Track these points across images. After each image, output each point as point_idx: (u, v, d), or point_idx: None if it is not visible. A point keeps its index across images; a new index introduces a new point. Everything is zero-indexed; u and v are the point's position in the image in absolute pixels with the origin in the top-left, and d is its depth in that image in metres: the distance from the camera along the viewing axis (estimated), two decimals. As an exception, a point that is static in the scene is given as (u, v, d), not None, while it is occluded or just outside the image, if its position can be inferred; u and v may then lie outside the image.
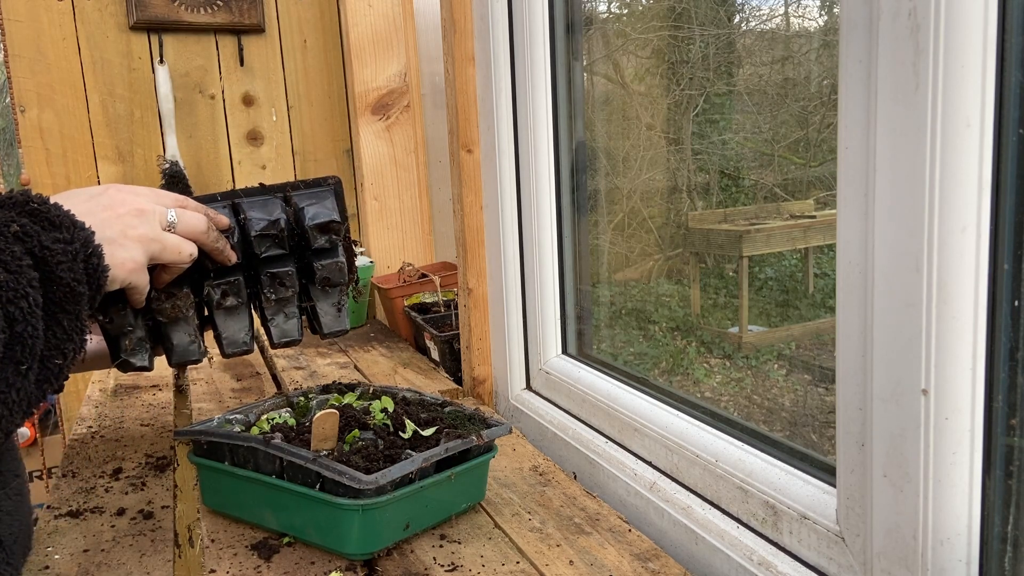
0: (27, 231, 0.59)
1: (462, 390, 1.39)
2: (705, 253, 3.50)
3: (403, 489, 0.80)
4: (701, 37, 3.36)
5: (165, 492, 1.01)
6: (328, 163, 2.07)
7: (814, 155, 3.17)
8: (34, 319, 0.57)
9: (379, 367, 1.55)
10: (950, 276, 0.55)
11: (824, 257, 3.30)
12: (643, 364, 3.28)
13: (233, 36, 1.94)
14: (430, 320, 1.59)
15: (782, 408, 2.88)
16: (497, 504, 0.94)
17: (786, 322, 3.34)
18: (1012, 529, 0.58)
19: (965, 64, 0.53)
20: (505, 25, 1.21)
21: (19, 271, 0.57)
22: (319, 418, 0.82)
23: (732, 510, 0.82)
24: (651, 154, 3.59)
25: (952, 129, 0.54)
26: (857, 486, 0.65)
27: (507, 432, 0.92)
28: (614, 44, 3.65)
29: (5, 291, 0.56)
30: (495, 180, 1.25)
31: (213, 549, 0.84)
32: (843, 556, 0.68)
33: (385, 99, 1.99)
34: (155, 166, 1.89)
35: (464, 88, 1.27)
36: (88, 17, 1.81)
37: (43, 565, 0.83)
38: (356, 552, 0.80)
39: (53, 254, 0.60)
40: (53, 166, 1.80)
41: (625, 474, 0.97)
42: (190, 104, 1.92)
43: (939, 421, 0.57)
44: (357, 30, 1.95)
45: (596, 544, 0.84)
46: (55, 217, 0.62)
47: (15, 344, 0.56)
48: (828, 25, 3.09)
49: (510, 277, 1.26)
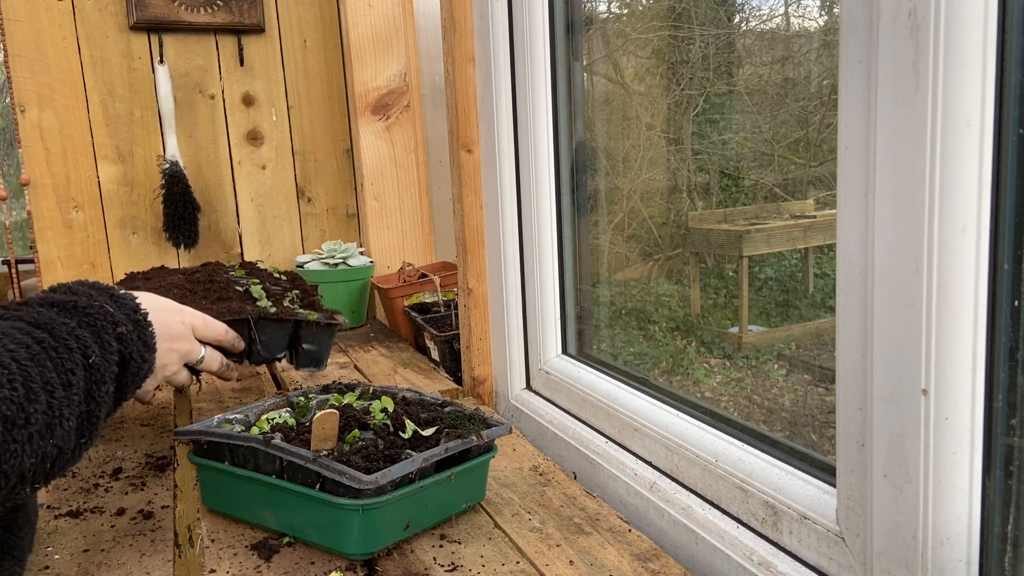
0: (127, 338, 0.76)
1: (462, 390, 1.39)
2: (705, 253, 3.50)
3: (403, 489, 0.80)
4: (701, 37, 3.36)
5: (165, 492, 1.01)
6: (328, 163, 2.08)
7: (814, 155, 3.17)
8: (107, 401, 0.72)
9: (379, 367, 1.55)
10: (950, 276, 0.55)
11: (824, 257, 3.30)
12: (643, 364, 3.28)
13: (233, 36, 1.94)
14: (430, 320, 1.59)
15: (782, 408, 2.88)
16: (497, 504, 0.94)
17: (786, 322, 3.34)
18: (1012, 529, 0.58)
19: (965, 64, 0.53)
20: (505, 25, 1.21)
21: (109, 363, 0.73)
22: (319, 418, 0.82)
23: (732, 510, 0.82)
24: (651, 154, 3.59)
25: (952, 129, 0.54)
26: (857, 486, 0.65)
27: (507, 432, 0.92)
28: (614, 44, 3.65)
29: (96, 373, 0.70)
30: (495, 180, 1.25)
31: (213, 549, 0.84)
32: (843, 556, 0.68)
33: (385, 99, 1.99)
34: (155, 166, 1.89)
35: (464, 88, 1.27)
36: (88, 17, 1.81)
37: (43, 565, 0.83)
38: (356, 552, 0.80)
39: (134, 362, 0.77)
40: (53, 166, 1.80)
41: (625, 474, 0.97)
42: (190, 104, 1.92)
43: (939, 421, 0.57)
44: (357, 30, 1.95)
45: (596, 544, 0.84)
46: (149, 338, 0.80)
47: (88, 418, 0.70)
48: (828, 25, 3.09)
49: (510, 277, 1.26)
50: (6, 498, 0.65)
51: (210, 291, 1.22)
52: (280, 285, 1.37)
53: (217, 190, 1.97)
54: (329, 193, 2.09)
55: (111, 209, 1.88)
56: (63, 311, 0.73)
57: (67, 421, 0.66)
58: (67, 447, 0.68)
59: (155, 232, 1.92)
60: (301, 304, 1.29)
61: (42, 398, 0.64)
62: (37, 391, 0.64)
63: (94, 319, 0.73)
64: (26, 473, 0.64)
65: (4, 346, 0.64)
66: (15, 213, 3.66)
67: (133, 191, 1.89)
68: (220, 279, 1.29)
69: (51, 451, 0.66)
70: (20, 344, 0.66)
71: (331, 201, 2.09)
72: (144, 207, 1.91)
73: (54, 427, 0.65)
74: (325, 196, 2.08)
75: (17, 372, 0.63)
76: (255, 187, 2.01)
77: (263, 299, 1.23)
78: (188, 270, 1.41)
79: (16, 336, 0.66)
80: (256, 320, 1.07)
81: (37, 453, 0.64)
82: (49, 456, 0.66)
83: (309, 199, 2.07)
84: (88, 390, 0.69)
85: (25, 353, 0.65)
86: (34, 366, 0.64)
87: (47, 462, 0.66)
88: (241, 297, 1.22)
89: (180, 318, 0.96)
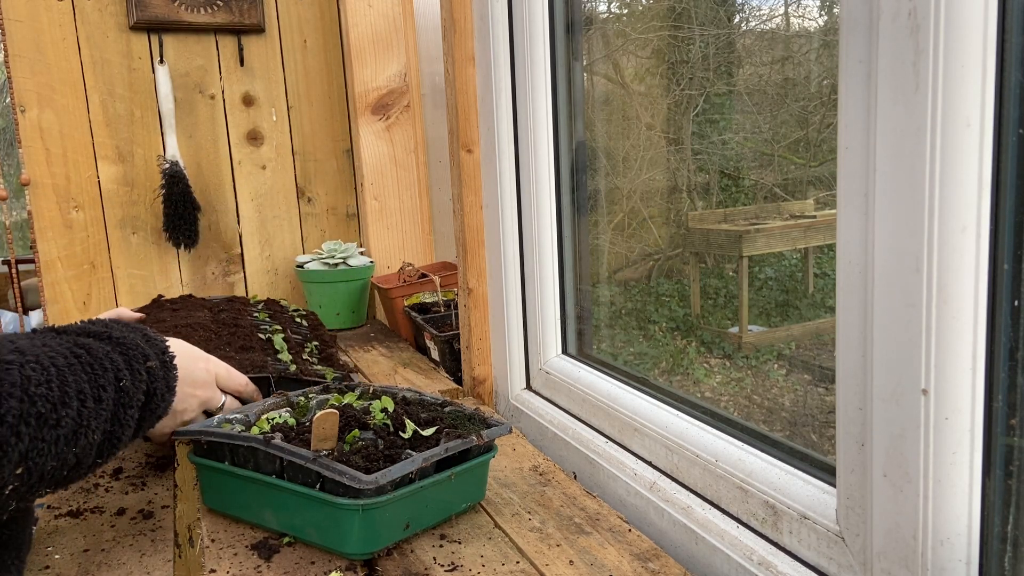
0: (155, 374, 0.81)
1: (462, 390, 1.39)
2: (705, 253, 3.50)
3: (403, 489, 0.80)
4: (701, 37, 3.36)
5: (165, 492, 1.01)
6: (328, 163, 2.08)
7: (814, 155, 3.17)
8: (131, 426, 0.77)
9: (379, 367, 1.55)
10: (950, 276, 0.55)
11: (824, 257, 3.30)
12: (643, 364, 3.29)
13: (233, 36, 1.94)
14: (430, 320, 1.59)
15: (782, 408, 2.88)
16: (497, 504, 0.94)
17: (786, 322, 3.35)
18: (1012, 529, 0.58)
19: (965, 64, 0.53)
20: (505, 25, 1.21)
21: (137, 390, 0.78)
22: (319, 418, 0.82)
23: (732, 510, 0.82)
24: (651, 154, 3.59)
25: (952, 129, 0.54)
26: (857, 486, 0.65)
27: (507, 432, 0.92)
28: (614, 44, 3.65)
29: (125, 395, 0.75)
30: (495, 180, 1.25)
31: (213, 549, 0.84)
32: (843, 556, 0.68)
33: (385, 99, 1.99)
34: (155, 166, 1.89)
35: (464, 88, 1.27)
36: (88, 17, 1.81)
37: (43, 565, 0.83)
38: (356, 552, 0.80)
39: (156, 397, 0.81)
40: (53, 166, 1.80)
41: (625, 474, 0.97)
42: (190, 104, 1.92)
43: (939, 421, 0.57)
44: (357, 30, 1.95)
45: (596, 544, 0.84)
46: (171, 380, 0.85)
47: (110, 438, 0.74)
48: (828, 25, 3.09)
49: (510, 277, 1.26)
50: (23, 496, 0.68)
51: (235, 336, 1.30)
52: (300, 333, 1.47)
53: (217, 190, 1.97)
54: (329, 193, 2.09)
55: (111, 209, 1.88)
56: (99, 339, 0.77)
57: (92, 433, 0.70)
58: (86, 460, 0.71)
59: (155, 232, 1.92)
60: (319, 356, 1.37)
61: (74, 404, 0.68)
62: (71, 397, 0.68)
63: (127, 349, 0.78)
64: (45, 475, 0.67)
65: (46, 353, 0.69)
66: (15, 213, 3.67)
67: (133, 191, 1.89)
68: (244, 323, 1.38)
69: (71, 459, 0.69)
70: (60, 354, 0.70)
71: (331, 201, 2.09)
72: (144, 207, 1.91)
73: (80, 435, 0.68)
74: (325, 196, 2.08)
75: (55, 376, 0.67)
76: (255, 187, 2.01)
77: (284, 351, 1.31)
78: (214, 304, 1.51)
79: (56, 347, 0.71)
80: (276, 379, 1.14)
81: (59, 457, 0.67)
82: (68, 463, 0.69)
83: (309, 199, 2.07)
84: (115, 411, 0.73)
85: (63, 361, 0.70)
86: (70, 374, 0.69)
87: (65, 469, 0.69)
88: (263, 347, 1.30)
89: (205, 366, 0.99)
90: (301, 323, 1.53)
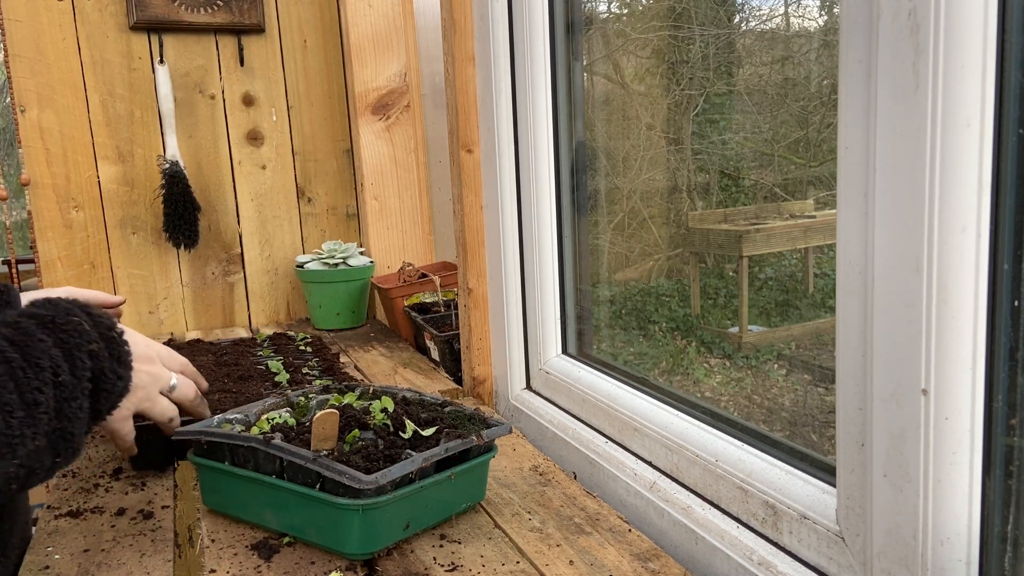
0: (99, 355, 0.75)
1: (462, 390, 1.39)
2: (705, 253, 3.50)
3: (403, 489, 0.80)
4: (701, 37, 3.36)
5: (165, 492, 1.01)
6: (328, 163, 2.08)
7: (814, 155, 3.17)
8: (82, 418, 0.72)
9: (379, 367, 1.55)
10: (950, 276, 0.55)
11: (824, 257, 3.30)
12: (643, 364, 3.29)
13: (233, 36, 1.94)
14: (430, 320, 1.59)
15: (782, 408, 2.88)
16: (497, 504, 0.94)
17: (786, 322, 3.35)
18: (1012, 529, 0.58)
19: (965, 64, 0.53)
20: (505, 25, 1.21)
21: (80, 380, 0.72)
22: (319, 418, 0.82)
23: (732, 510, 0.82)
24: (651, 154, 3.59)
25: (952, 129, 0.54)
26: (857, 486, 0.65)
27: (507, 432, 0.92)
28: (614, 44, 3.65)
29: (65, 390, 0.69)
30: (495, 180, 1.25)
31: (213, 549, 0.84)
32: (843, 556, 0.68)
33: (385, 99, 1.99)
34: (155, 166, 1.89)
35: (464, 88, 1.27)
36: (88, 17, 1.81)
37: (43, 565, 0.83)
38: (356, 552, 0.80)
39: (107, 379, 0.75)
40: (53, 166, 1.80)
41: (625, 474, 0.97)
42: (190, 104, 1.92)
43: (939, 421, 0.57)
44: (357, 30, 1.95)
45: (596, 544, 0.84)
46: (124, 356, 0.78)
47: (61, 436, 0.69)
48: (828, 25, 3.09)
49: (510, 277, 1.26)
50: None
51: (233, 371, 1.37)
52: (303, 357, 1.49)
53: (217, 190, 1.97)
54: (329, 193, 2.09)
55: (111, 209, 1.88)
56: (41, 325, 0.72)
57: (31, 440, 0.66)
58: (40, 466, 0.68)
59: (155, 232, 1.92)
60: (320, 370, 1.40)
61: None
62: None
63: (68, 336, 0.73)
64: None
65: None
66: (15, 213, 3.66)
67: (133, 191, 1.89)
68: (245, 363, 1.43)
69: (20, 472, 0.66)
70: None
71: (331, 201, 2.09)
72: (144, 207, 1.91)
73: (16, 447, 0.64)
74: (325, 196, 2.08)
75: None
76: (255, 187, 2.01)
77: (281, 372, 1.34)
78: (219, 349, 1.57)
79: None
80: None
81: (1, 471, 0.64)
82: (16, 477, 0.66)
83: (309, 199, 2.07)
84: (58, 408, 0.69)
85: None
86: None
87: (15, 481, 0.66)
88: (262, 375, 1.34)
89: (145, 342, 0.97)
90: (305, 350, 1.57)
